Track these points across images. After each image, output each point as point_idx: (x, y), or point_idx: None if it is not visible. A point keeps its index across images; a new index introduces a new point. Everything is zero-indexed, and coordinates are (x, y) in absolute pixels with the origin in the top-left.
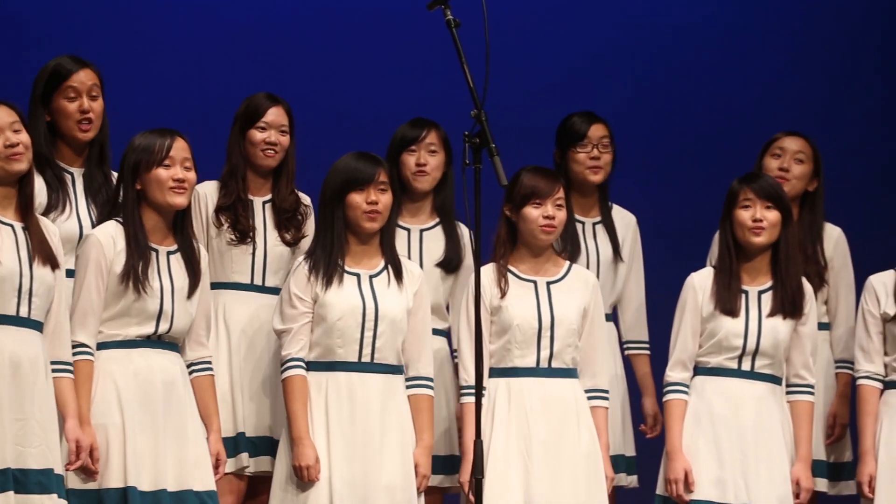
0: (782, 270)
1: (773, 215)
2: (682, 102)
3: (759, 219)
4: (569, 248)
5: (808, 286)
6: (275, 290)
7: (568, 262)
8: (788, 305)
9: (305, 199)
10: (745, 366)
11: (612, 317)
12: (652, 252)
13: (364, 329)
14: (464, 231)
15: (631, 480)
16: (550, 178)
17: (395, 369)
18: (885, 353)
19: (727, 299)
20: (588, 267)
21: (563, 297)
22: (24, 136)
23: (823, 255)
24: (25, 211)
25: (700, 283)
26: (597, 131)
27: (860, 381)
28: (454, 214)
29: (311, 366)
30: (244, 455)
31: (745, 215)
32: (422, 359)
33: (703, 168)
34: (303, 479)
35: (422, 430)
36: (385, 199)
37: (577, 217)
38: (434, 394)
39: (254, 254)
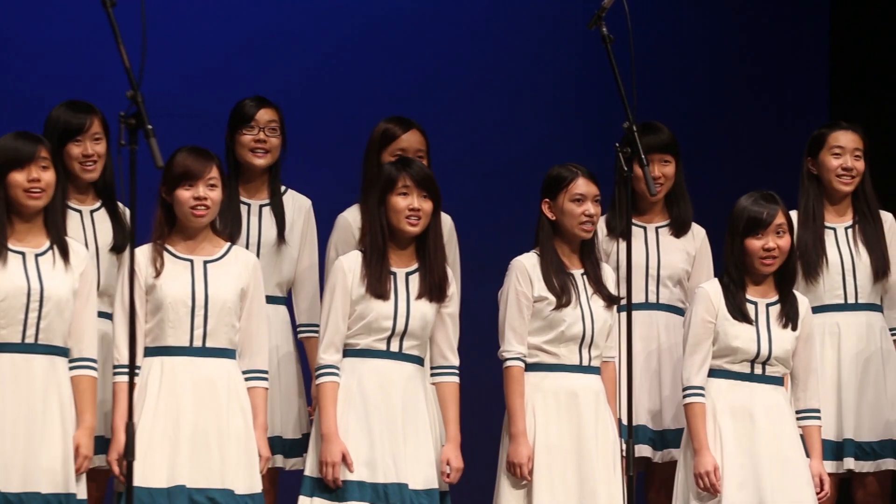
0: (430, 256)
1: (427, 205)
2: (347, 86)
3: (416, 208)
4: (228, 228)
5: (450, 271)
6: None
7: (228, 244)
8: (435, 290)
9: None
10: (394, 347)
11: (286, 300)
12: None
13: (28, 310)
14: (125, 211)
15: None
16: (203, 159)
17: (59, 350)
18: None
19: (378, 283)
20: (247, 248)
21: (220, 276)
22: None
23: None
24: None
25: (349, 266)
26: (265, 115)
27: (511, 363)
28: (115, 195)
29: None
30: None
31: (402, 203)
32: (84, 339)
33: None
34: None
35: (83, 411)
36: (47, 177)
37: (243, 199)
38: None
39: None
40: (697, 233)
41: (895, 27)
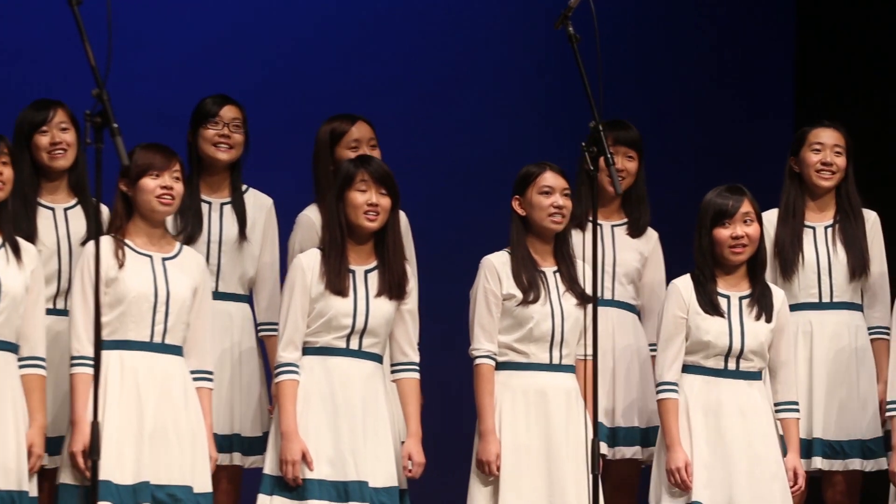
0: (389, 253)
1: (386, 201)
2: (311, 86)
3: (374, 203)
4: (189, 226)
5: (409, 267)
6: None
7: (179, 244)
8: (395, 288)
9: None
10: (353, 345)
11: (248, 297)
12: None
13: None
14: (103, 208)
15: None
16: (167, 152)
17: (13, 347)
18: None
19: (337, 279)
20: (209, 245)
21: (178, 273)
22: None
23: None
24: None
25: (308, 263)
26: (228, 112)
27: (480, 361)
28: (89, 191)
29: None
30: None
31: (360, 199)
32: (33, 338)
33: None
34: None
35: (35, 410)
36: (7, 172)
37: (204, 197)
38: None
39: None
40: (651, 235)
41: (861, 26)
